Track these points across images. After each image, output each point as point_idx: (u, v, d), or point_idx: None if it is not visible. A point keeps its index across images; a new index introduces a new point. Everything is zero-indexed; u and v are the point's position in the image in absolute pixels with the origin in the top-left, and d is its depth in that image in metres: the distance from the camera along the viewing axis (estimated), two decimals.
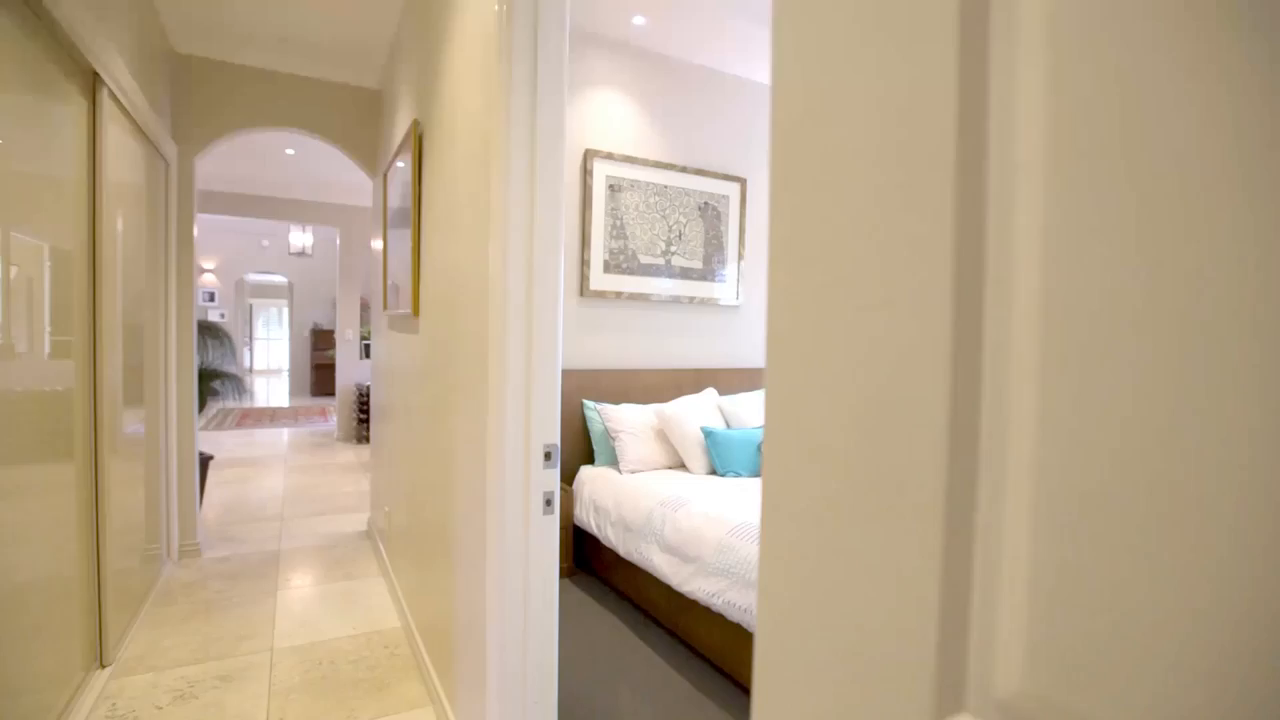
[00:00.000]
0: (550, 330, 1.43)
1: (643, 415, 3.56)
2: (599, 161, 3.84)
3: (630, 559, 2.79)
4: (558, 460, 1.44)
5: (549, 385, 1.43)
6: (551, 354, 1.43)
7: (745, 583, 2.16)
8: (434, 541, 2.14)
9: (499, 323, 1.40)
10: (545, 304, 1.42)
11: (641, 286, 4.02)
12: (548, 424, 1.42)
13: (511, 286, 1.38)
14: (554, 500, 1.44)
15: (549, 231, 1.42)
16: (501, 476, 1.40)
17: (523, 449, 1.41)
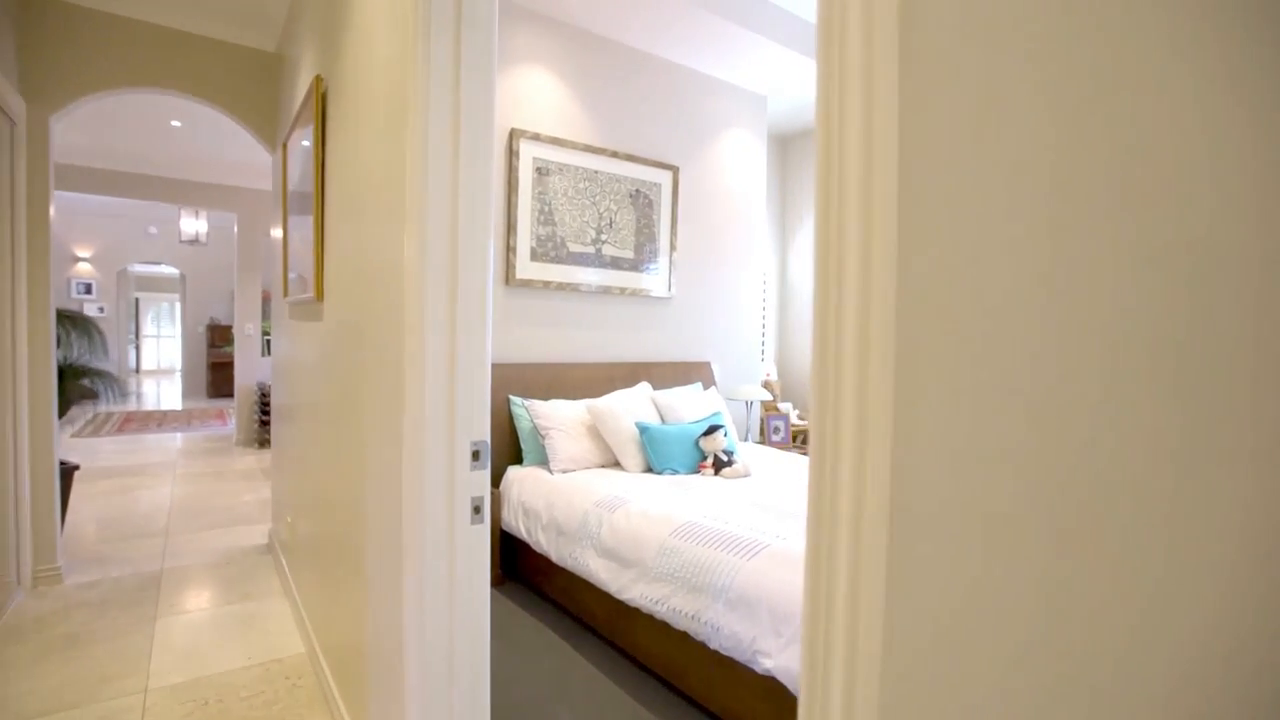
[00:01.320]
0: (478, 317, 1.23)
1: (574, 411, 3.37)
2: (525, 142, 3.61)
3: (564, 565, 2.60)
4: (488, 460, 1.24)
5: (477, 375, 1.23)
6: (480, 342, 1.23)
7: (691, 587, 2.02)
8: (343, 554, 1.88)
9: (415, 311, 1.19)
10: (472, 289, 1.22)
11: (571, 276, 3.82)
12: (476, 418, 1.22)
13: (432, 275, 1.18)
14: (484, 507, 1.24)
15: (477, 210, 1.23)
16: (421, 480, 1.19)
17: (446, 447, 1.20)
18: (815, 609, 0.58)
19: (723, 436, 3.25)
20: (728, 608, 1.88)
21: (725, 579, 1.93)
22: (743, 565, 1.94)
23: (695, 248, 4.45)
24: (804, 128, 5.51)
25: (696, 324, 4.49)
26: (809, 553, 0.60)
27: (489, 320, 1.24)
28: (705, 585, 1.97)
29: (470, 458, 1.21)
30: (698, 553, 2.08)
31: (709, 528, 2.20)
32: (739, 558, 1.98)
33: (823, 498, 0.57)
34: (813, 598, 0.58)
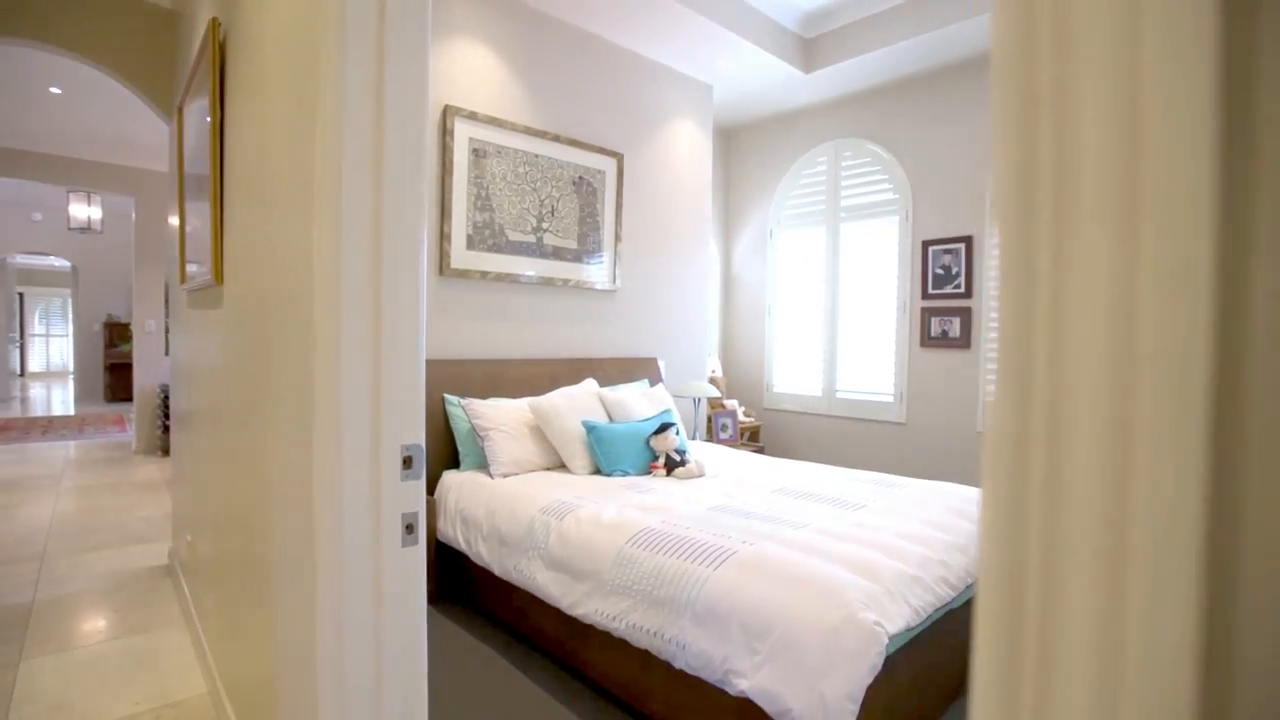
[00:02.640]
0: (409, 306, 1.01)
1: (515, 410, 3.13)
2: (461, 121, 3.35)
3: (509, 579, 2.37)
4: (423, 467, 1.02)
5: (408, 370, 1.01)
6: (411, 334, 1.01)
7: (652, 601, 1.83)
8: (249, 578, 1.60)
9: (330, 297, 0.97)
10: (401, 276, 1.01)
11: (510, 266, 3.58)
12: (407, 419, 1.00)
13: (351, 259, 0.96)
14: (418, 524, 1.02)
15: (407, 187, 1.01)
16: (337, 495, 0.96)
17: (370, 454, 0.97)
18: None
19: (674, 435, 3.09)
20: (694, 623, 1.71)
21: (690, 591, 1.76)
22: (709, 575, 1.77)
23: (640, 239, 4.27)
24: (749, 120, 5.44)
25: (642, 318, 4.32)
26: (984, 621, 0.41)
27: (422, 310, 1.02)
28: (668, 598, 1.80)
29: (400, 466, 0.99)
30: (658, 562, 1.90)
31: (669, 534, 2.03)
32: (705, 567, 1.81)
33: None
34: None
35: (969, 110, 4.28)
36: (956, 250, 4.35)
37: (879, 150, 4.74)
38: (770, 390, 5.49)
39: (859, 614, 1.52)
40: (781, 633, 1.54)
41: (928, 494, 2.57)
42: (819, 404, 5.13)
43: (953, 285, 4.37)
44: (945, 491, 2.61)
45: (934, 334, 4.46)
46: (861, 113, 4.82)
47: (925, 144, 4.50)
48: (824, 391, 5.10)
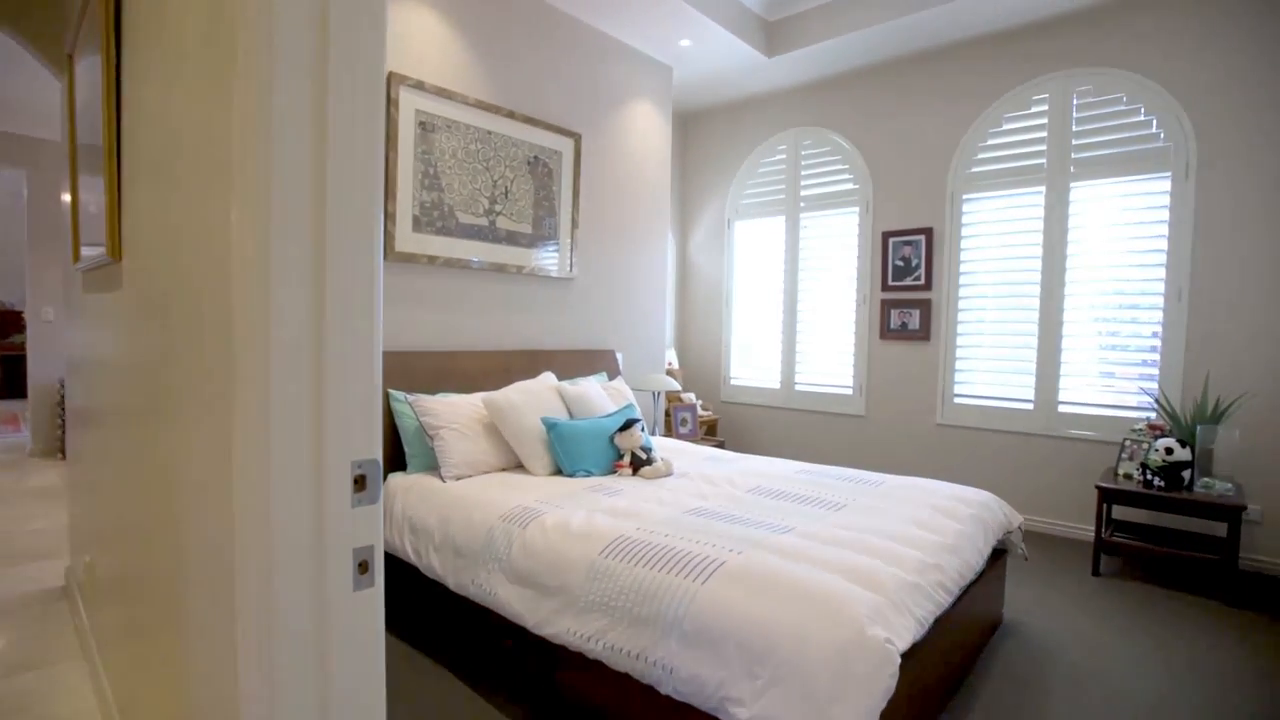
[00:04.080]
0: (363, 294, 0.80)
1: (467, 406, 2.89)
2: (407, 91, 3.05)
3: (465, 594, 2.15)
4: (379, 488, 0.80)
5: (361, 370, 0.79)
6: (366, 327, 0.79)
7: (633, 619, 1.65)
8: (158, 610, 1.33)
9: (255, 293, 0.74)
10: (350, 258, 0.79)
11: (460, 250, 3.31)
12: (359, 430, 0.78)
13: (282, 252, 0.73)
14: (374, 560, 0.80)
15: (359, 163, 0.80)
16: (264, 526, 0.73)
17: (309, 474, 0.75)
18: None
19: (640, 431, 2.92)
20: (683, 644, 1.54)
21: (677, 608, 1.59)
22: (697, 590, 1.60)
23: (598, 225, 4.06)
24: (708, 106, 5.28)
25: (600, 309, 4.12)
26: None
27: (378, 301, 0.80)
28: (652, 616, 1.62)
29: (351, 487, 0.77)
30: (638, 575, 1.72)
31: (647, 542, 1.85)
32: (691, 580, 1.64)
33: None
34: None
35: (930, 101, 4.25)
36: (916, 242, 4.32)
37: (840, 140, 4.67)
38: (728, 383, 5.38)
39: (868, 631, 1.38)
40: (785, 655, 1.38)
41: (906, 491, 2.48)
42: (778, 396, 5.05)
43: (912, 277, 4.35)
44: (924, 488, 2.53)
45: (893, 326, 4.43)
46: (823, 101, 4.74)
47: (886, 134, 4.46)
48: (783, 384, 5.02)
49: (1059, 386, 3.82)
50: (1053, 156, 3.81)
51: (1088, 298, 3.74)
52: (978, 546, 2.12)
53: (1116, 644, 2.46)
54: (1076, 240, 3.76)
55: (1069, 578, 3.14)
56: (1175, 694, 2.12)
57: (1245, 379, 3.28)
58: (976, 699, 2.06)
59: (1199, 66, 3.37)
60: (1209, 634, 2.56)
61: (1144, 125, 3.55)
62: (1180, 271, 3.46)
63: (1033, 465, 3.91)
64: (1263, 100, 3.23)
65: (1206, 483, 3.00)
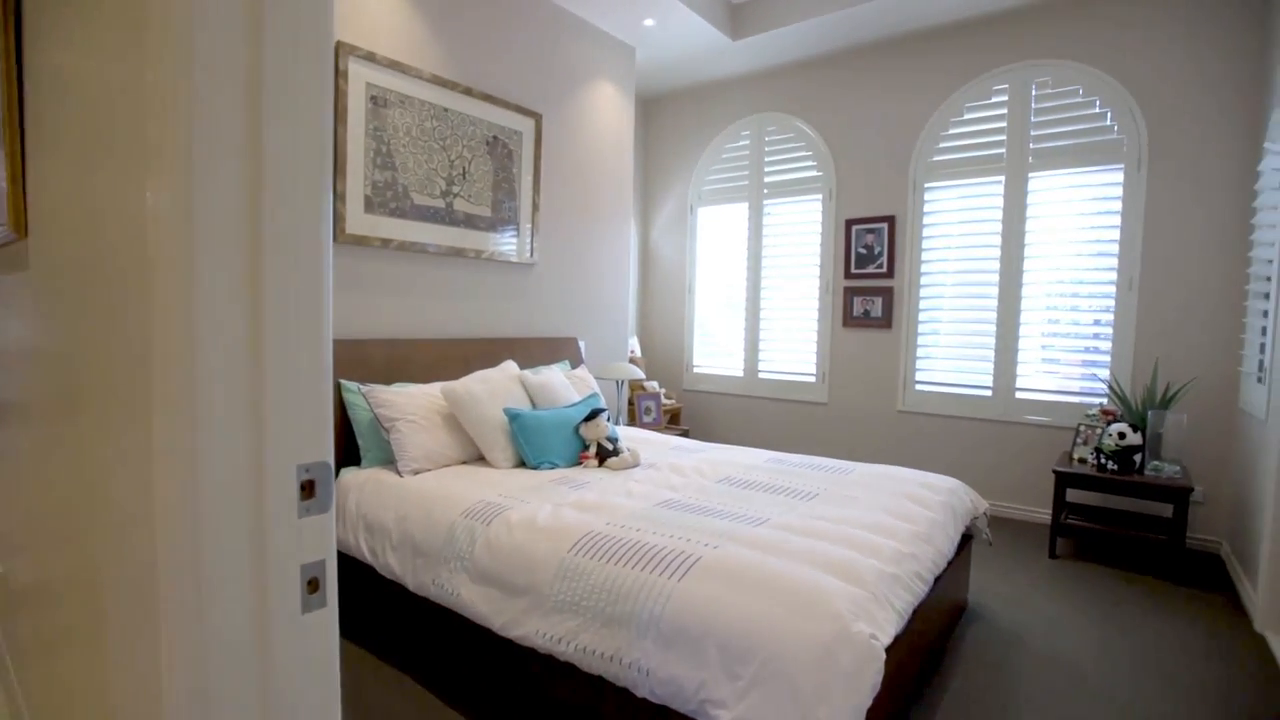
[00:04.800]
0: (310, 276, 0.69)
1: (425, 397, 2.76)
2: (357, 62, 2.87)
3: (425, 594, 2.03)
4: (330, 494, 0.69)
5: (307, 362, 0.68)
6: (312, 317, 0.69)
7: (606, 620, 1.58)
8: (77, 626, 1.19)
9: (177, 279, 0.63)
10: (295, 237, 0.69)
11: (416, 234, 3.16)
12: (308, 429, 0.67)
13: (208, 234, 0.62)
14: (326, 577, 0.70)
15: (302, 135, 0.69)
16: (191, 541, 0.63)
17: (247, 481, 0.64)
18: None
19: (605, 422, 2.83)
20: (660, 645, 1.47)
21: (653, 606, 1.52)
22: (673, 587, 1.53)
23: (560, 209, 3.94)
24: (671, 90, 5.19)
25: (562, 295, 4.00)
26: None
27: (327, 287, 0.69)
28: (626, 616, 1.54)
29: (298, 494, 0.67)
30: (610, 573, 1.64)
31: (617, 538, 1.77)
32: (666, 577, 1.57)
33: None
34: None
35: (894, 89, 4.25)
36: (879, 230, 4.33)
37: (804, 126, 4.64)
38: (691, 371, 5.34)
39: (852, 628, 1.34)
40: (767, 654, 1.33)
41: (876, 479, 2.46)
42: (741, 384, 5.03)
43: (875, 265, 4.36)
44: (893, 476, 2.52)
45: (856, 313, 4.44)
46: (787, 87, 4.70)
47: (850, 121, 4.44)
48: (746, 371, 5.00)
49: (1016, 373, 3.89)
50: (1012, 146, 3.85)
51: (1044, 286, 3.81)
52: (949, 534, 2.11)
53: (1077, 625, 2.51)
54: (1034, 230, 3.82)
55: (1027, 560, 3.20)
56: (1132, 672, 2.17)
57: (1191, 365, 3.39)
58: (948, 686, 2.06)
59: (1151, 61, 3.45)
60: (1160, 612, 2.64)
61: (1099, 118, 3.61)
62: (1131, 261, 3.54)
63: (991, 450, 3.98)
64: (1209, 97, 3.32)
65: (1156, 466, 3.09)
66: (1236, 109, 3.25)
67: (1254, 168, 3.19)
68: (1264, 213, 2.91)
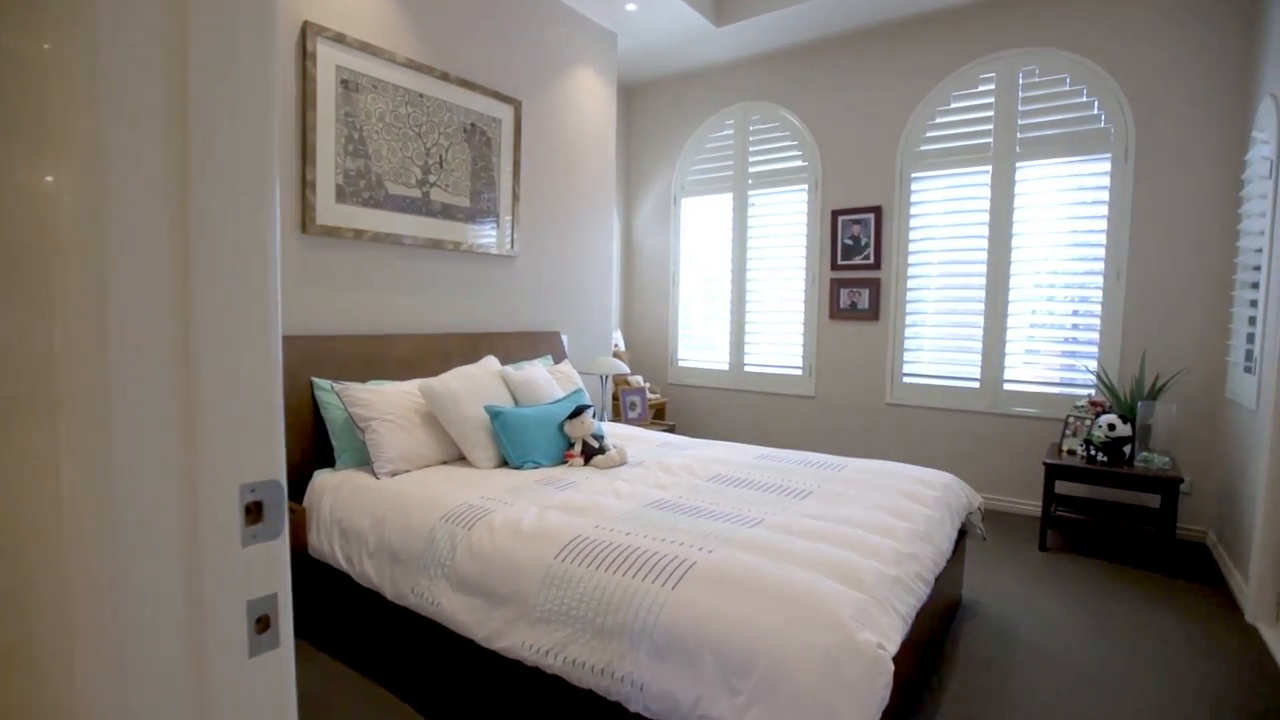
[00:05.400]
0: (257, 270, 0.59)
1: (402, 395, 2.64)
2: (326, 44, 2.73)
3: (404, 604, 1.93)
4: (282, 518, 0.60)
5: (252, 363, 0.59)
6: (260, 310, 0.59)
7: (596, 630, 1.49)
8: None
9: (85, 268, 0.52)
10: (233, 222, 0.59)
11: (390, 224, 3.03)
12: (252, 441, 0.57)
13: (120, 214, 0.51)
14: (279, 614, 0.60)
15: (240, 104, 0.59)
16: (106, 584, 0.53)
17: (176, 504, 0.54)
18: None
19: (591, 418, 2.74)
20: (654, 656, 1.39)
21: (645, 616, 1.43)
22: (667, 596, 1.45)
23: (541, 199, 3.83)
24: (653, 78, 5.08)
25: (544, 288, 3.89)
26: None
27: (272, 273, 0.59)
28: (617, 626, 1.46)
29: (242, 518, 0.57)
30: (599, 580, 1.56)
31: (606, 543, 1.69)
32: (659, 584, 1.49)
33: None
34: None
35: (880, 77, 4.19)
36: (866, 220, 4.28)
37: (789, 115, 4.56)
38: (675, 365, 5.26)
39: (858, 636, 1.27)
40: (768, 666, 1.25)
41: (869, 475, 2.40)
42: (727, 378, 4.96)
43: (862, 256, 4.31)
44: (886, 471, 2.46)
45: (843, 305, 4.39)
46: (772, 75, 4.62)
47: (836, 110, 4.38)
48: (732, 365, 4.94)
49: (1004, 365, 3.86)
50: (999, 136, 3.81)
51: (1031, 277, 3.78)
52: (947, 531, 2.06)
53: (1070, 620, 2.48)
54: (1021, 220, 3.78)
55: (1017, 554, 3.17)
56: (1130, 668, 2.13)
57: (1178, 355, 3.38)
58: (947, 688, 2.01)
59: (1138, 50, 3.42)
60: (1152, 605, 2.61)
61: (1086, 107, 3.58)
62: (1119, 252, 3.52)
63: (978, 443, 3.96)
64: (1196, 86, 3.30)
65: (1145, 457, 3.07)
66: (1224, 98, 3.23)
67: (1241, 157, 3.17)
68: (1251, 202, 2.89)
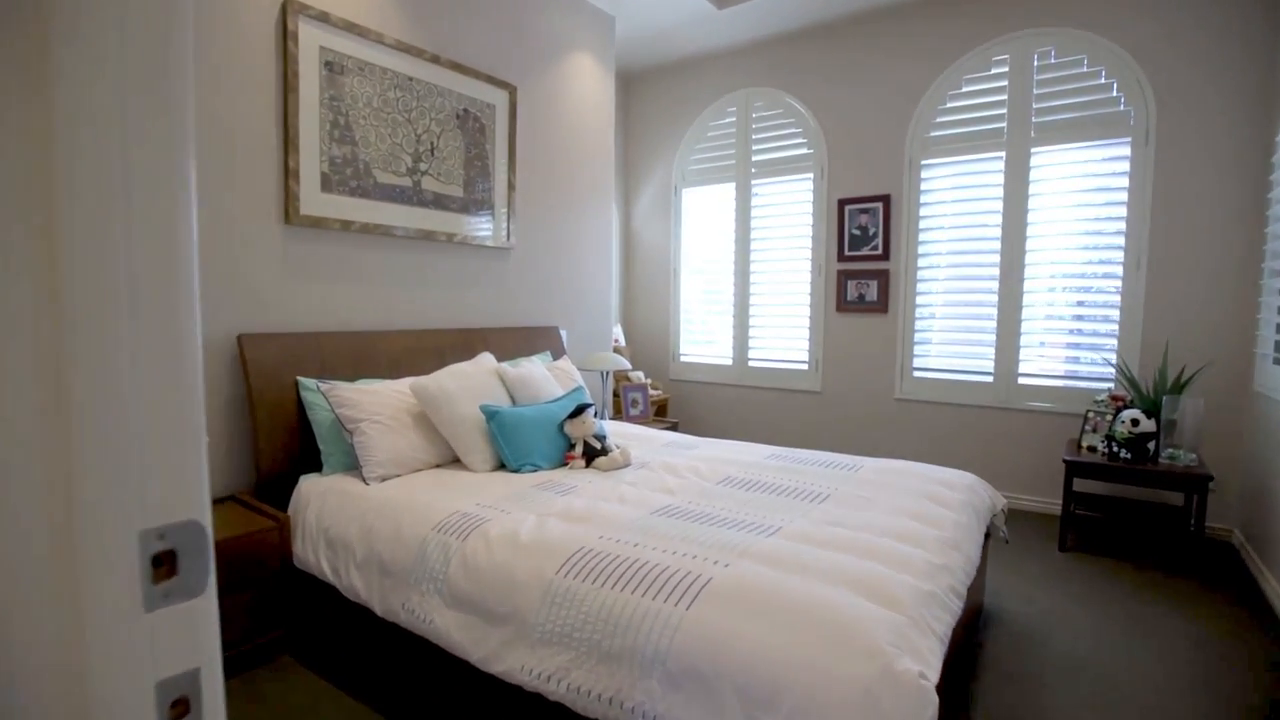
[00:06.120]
0: (158, 250, 0.43)
1: (393, 395, 2.50)
2: (308, 24, 2.58)
3: (395, 620, 1.80)
4: (205, 570, 0.46)
5: (158, 379, 0.43)
6: (167, 308, 0.43)
7: (602, 655, 1.35)
8: None
9: None
10: (129, 200, 0.42)
11: (380, 215, 2.88)
12: (153, 474, 0.43)
13: None
14: (200, 697, 0.46)
15: (131, 52, 0.42)
16: None
17: (47, 554, 0.40)
18: None
19: (593, 418, 2.60)
20: (667, 686, 1.25)
21: (657, 640, 1.30)
22: (681, 617, 1.31)
23: (537, 189, 3.68)
24: (652, 64, 4.92)
25: (541, 281, 3.75)
26: None
27: (184, 260, 0.44)
28: (626, 651, 1.32)
29: (145, 573, 0.43)
30: (606, 599, 1.42)
31: (613, 555, 1.55)
32: (672, 604, 1.35)
33: None
34: None
35: (888, 61, 4.04)
36: (874, 210, 4.14)
37: (793, 101, 4.41)
38: (677, 360, 5.12)
39: (896, 666, 1.13)
40: (796, 701, 1.12)
41: (887, 476, 2.27)
42: (730, 373, 4.83)
43: (870, 246, 4.17)
44: (905, 471, 2.33)
45: (850, 298, 4.25)
46: (775, 60, 4.46)
47: (842, 96, 4.23)
48: (735, 360, 4.80)
49: (1018, 358, 3.73)
50: (1014, 120, 3.66)
51: (1047, 267, 3.64)
52: (975, 538, 1.93)
53: (1098, 627, 2.35)
54: (1037, 208, 3.64)
55: (1037, 555, 3.05)
56: (1163, 678, 2.01)
57: (1202, 347, 3.25)
58: (975, 701, 1.88)
59: (1159, 28, 3.27)
60: (1183, 609, 2.49)
61: (1105, 89, 3.44)
62: (1139, 239, 3.39)
63: (993, 439, 3.83)
64: (1220, 65, 3.15)
65: (1171, 453, 2.94)
66: (1250, 77, 3.09)
67: (1270, 139, 3.03)
68: None
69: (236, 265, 2.40)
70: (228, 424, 2.40)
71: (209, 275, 2.32)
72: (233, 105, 2.37)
